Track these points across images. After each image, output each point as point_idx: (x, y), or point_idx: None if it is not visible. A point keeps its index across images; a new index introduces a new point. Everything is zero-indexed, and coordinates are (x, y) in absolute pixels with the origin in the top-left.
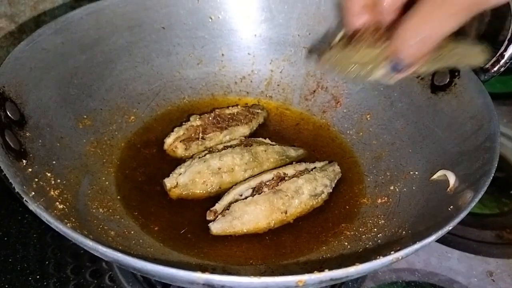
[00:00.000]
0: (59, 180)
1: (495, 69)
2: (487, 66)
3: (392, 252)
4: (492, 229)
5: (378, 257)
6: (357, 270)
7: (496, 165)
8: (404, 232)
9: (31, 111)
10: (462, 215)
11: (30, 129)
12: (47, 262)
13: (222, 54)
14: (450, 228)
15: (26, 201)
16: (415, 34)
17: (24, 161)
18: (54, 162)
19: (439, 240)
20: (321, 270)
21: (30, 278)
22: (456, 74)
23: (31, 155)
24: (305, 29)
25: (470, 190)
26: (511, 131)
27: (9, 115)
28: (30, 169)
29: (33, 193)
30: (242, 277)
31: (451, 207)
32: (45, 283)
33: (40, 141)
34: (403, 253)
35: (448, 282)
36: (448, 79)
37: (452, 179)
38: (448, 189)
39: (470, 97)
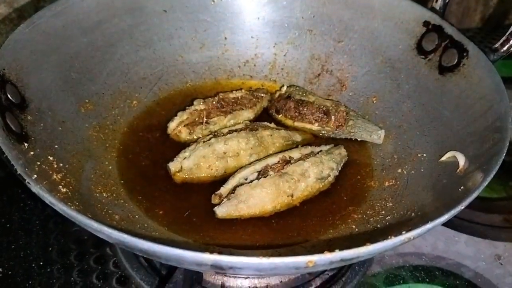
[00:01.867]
0: (61, 164)
1: (505, 48)
2: (496, 46)
3: (404, 232)
4: (500, 212)
5: (389, 237)
6: (368, 250)
7: (508, 144)
8: (413, 214)
9: (32, 94)
10: (474, 195)
11: (32, 112)
12: (50, 249)
13: (225, 38)
14: (462, 207)
15: (29, 182)
16: None
17: (25, 144)
18: (56, 146)
19: (446, 224)
20: (331, 250)
21: (33, 265)
22: (465, 54)
23: (32, 138)
24: (309, 11)
25: (481, 171)
26: None
27: (10, 97)
28: (32, 152)
29: (36, 176)
30: (251, 257)
31: (462, 188)
32: (48, 270)
33: (42, 124)
34: (415, 233)
35: (456, 266)
36: (456, 60)
37: (462, 160)
38: (458, 170)
39: (479, 77)
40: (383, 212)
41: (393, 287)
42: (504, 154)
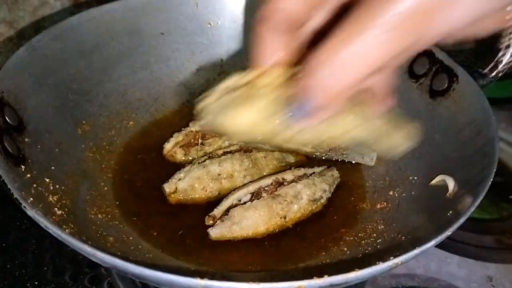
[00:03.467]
0: (57, 186)
1: (493, 74)
2: (485, 71)
3: (391, 257)
4: (492, 234)
5: (377, 262)
6: (356, 276)
7: (495, 170)
8: (403, 237)
9: (30, 117)
10: (461, 220)
11: (29, 134)
12: (45, 268)
13: (221, 60)
14: (449, 233)
15: (25, 206)
16: (331, 60)
17: (22, 166)
18: (52, 167)
19: (439, 245)
20: (320, 276)
21: (28, 284)
22: (454, 79)
23: (29, 160)
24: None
25: (469, 195)
26: (510, 136)
27: (8, 120)
28: (28, 175)
29: (32, 198)
30: (241, 283)
31: (450, 212)
32: None
33: (39, 146)
34: (403, 258)
35: (448, 287)
36: (446, 84)
37: (451, 184)
38: (448, 194)
39: (468, 102)
40: (374, 235)
41: None
42: (491, 180)
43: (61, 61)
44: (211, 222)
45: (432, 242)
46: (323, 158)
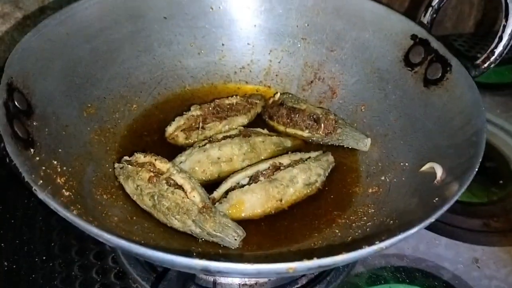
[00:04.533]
0: (65, 168)
1: (486, 65)
2: (477, 62)
3: (377, 242)
4: (480, 217)
5: (363, 246)
6: (343, 259)
7: (481, 160)
8: (391, 221)
9: (38, 101)
10: (445, 207)
11: (37, 118)
12: (52, 244)
13: (223, 44)
14: (433, 220)
15: (35, 189)
16: None
17: (32, 149)
18: (60, 150)
19: (428, 227)
20: (310, 258)
21: (36, 259)
22: (448, 69)
23: (38, 143)
24: (304, 21)
25: (456, 183)
26: (504, 121)
27: (17, 105)
28: (37, 158)
29: (41, 181)
30: (237, 263)
31: (437, 198)
32: (51, 264)
33: (47, 129)
34: (387, 243)
35: (435, 268)
36: (440, 73)
37: (439, 171)
38: (435, 181)
39: (460, 92)
40: (365, 218)
41: (375, 287)
42: (477, 168)
43: (66, 45)
44: None
45: (415, 229)
46: (320, 143)
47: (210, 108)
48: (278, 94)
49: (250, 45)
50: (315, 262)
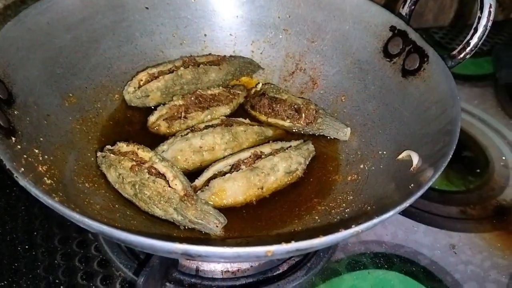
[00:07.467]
0: (46, 156)
1: (461, 56)
2: (454, 52)
3: (353, 225)
4: (457, 205)
5: (340, 230)
6: (320, 242)
7: (456, 148)
8: (369, 207)
9: (19, 90)
10: (420, 193)
11: (18, 107)
12: (35, 233)
13: (205, 35)
14: (407, 204)
15: (17, 177)
16: None
17: (13, 138)
18: (41, 139)
19: (406, 214)
20: (289, 242)
21: (19, 248)
22: (425, 59)
23: (19, 132)
24: (285, 12)
25: (430, 170)
26: (482, 112)
27: None
28: (19, 146)
29: (22, 169)
30: (216, 247)
31: (412, 185)
32: (33, 253)
33: (28, 118)
34: (363, 226)
35: (413, 254)
36: (417, 64)
37: (415, 159)
38: (412, 168)
39: (436, 82)
40: (344, 205)
41: (354, 272)
42: (451, 156)
43: (47, 35)
44: None
45: (391, 213)
46: (301, 132)
47: (193, 98)
48: (260, 84)
49: (232, 36)
50: (293, 245)
